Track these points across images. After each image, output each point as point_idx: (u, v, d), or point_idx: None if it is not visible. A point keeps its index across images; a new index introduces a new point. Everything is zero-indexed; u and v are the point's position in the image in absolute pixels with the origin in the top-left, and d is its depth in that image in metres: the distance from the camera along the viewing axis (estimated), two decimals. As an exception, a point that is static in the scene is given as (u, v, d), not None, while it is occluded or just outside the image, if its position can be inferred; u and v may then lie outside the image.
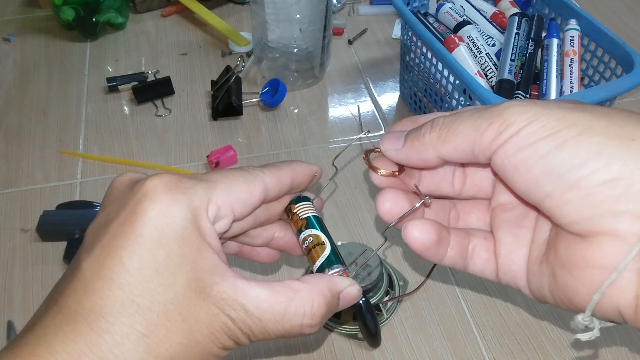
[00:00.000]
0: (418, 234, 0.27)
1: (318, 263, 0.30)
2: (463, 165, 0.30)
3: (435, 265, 0.28)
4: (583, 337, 0.23)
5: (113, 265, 0.23)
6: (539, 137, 0.22)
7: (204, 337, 0.24)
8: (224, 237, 0.28)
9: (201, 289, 0.24)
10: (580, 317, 0.23)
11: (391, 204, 0.28)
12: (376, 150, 0.31)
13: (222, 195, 0.26)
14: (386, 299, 0.54)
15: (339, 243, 0.59)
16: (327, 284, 0.27)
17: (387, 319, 0.54)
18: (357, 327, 0.52)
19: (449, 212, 0.30)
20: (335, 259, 0.30)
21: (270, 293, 0.25)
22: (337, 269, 0.29)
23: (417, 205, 0.28)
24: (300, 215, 0.32)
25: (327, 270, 0.29)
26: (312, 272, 0.30)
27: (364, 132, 0.37)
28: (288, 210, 0.33)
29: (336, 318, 0.53)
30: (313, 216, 0.32)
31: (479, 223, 0.30)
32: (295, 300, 0.26)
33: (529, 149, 0.22)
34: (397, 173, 0.29)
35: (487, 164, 0.25)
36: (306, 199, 0.33)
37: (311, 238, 0.31)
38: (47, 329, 0.23)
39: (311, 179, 0.32)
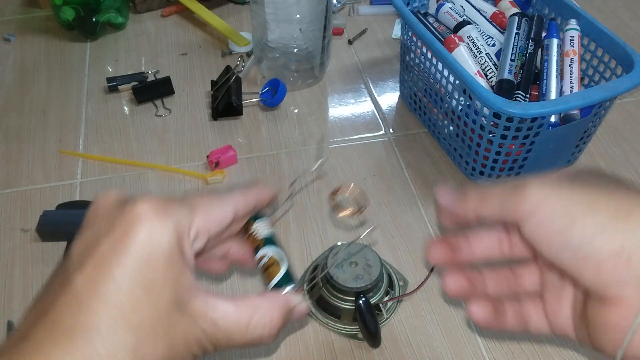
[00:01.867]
0: (480, 314, 0.33)
1: (274, 281, 0.33)
2: (506, 230, 0.35)
3: (434, 266, 0.30)
4: None
5: (106, 283, 0.25)
6: (553, 214, 0.27)
7: (181, 347, 0.27)
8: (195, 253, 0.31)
9: (180, 305, 0.27)
10: None
11: (455, 284, 0.34)
12: (339, 190, 0.38)
13: (201, 218, 0.29)
14: (386, 299, 0.54)
15: (339, 243, 0.59)
16: (283, 301, 0.31)
17: (387, 319, 0.54)
18: (357, 327, 0.52)
19: (506, 279, 0.35)
20: (289, 278, 0.33)
21: (235, 308, 0.29)
22: (291, 287, 0.33)
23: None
24: (257, 235, 0.35)
25: (282, 288, 0.33)
26: (268, 288, 0.33)
27: (322, 160, 0.40)
28: (246, 228, 0.36)
29: (336, 318, 0.53)
30: (269, 236, 0.35)
31: (533, 284, 0.34)
32: (257, 315, 0.29)
33: (546, 225, 0.27)
34: (359, 212, 0.39)
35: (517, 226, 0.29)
36: (263, 217, 0.36)
37: (267, 258, 0.34)
38: (43, 341, 0.25)
39: (271, 201, 0.36)
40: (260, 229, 0.35)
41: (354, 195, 0.44)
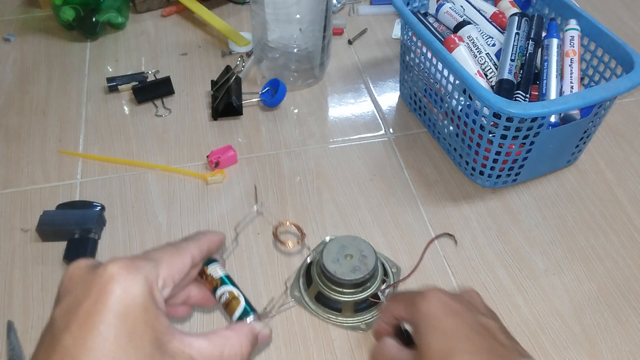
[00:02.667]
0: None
1: (237, 313, 0.38)
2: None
3: (426, 248, 0.40)
4: None
5: (93, 337, 0.28)
6: (438, 339, 0.37)
7: None
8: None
9: (160, 346, 0.30)
10: None
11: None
12: (281, 224, 0.49)
13: (165, 269, 0.33)
14: (383, 287, 0.54)
15: (327, 238, 0.60)
16: (249, 329, 0.36)
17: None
18: (359, 319, 0.53)
19: None
20: (249, 309, 0.38)
21: (208, 343, 0.33)
22: (253, 316, 0.38)
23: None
24: (213, 276, 0.40)
25: (245, 318, 0.37)
26: (233, 320, 0.38)
27: (258, 205, 0.51)
28: (202, 272, 0.40)
29: (337, 312, 0.54)
30: (225, 275, 0.40)
31: None
32: (228, 345, 0.34)
33: (432, 346, 0.37)
34: (300, 241, 0.50)
35: None
36: (215, 260, 0.41)
37: (227, 294, 0.39)
38: None
39: (221, 244, 0.41)
40: (216, 271, 0.40)
41: (293, 226, 0.50)
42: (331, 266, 0.52)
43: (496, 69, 0.65)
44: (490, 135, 0.60)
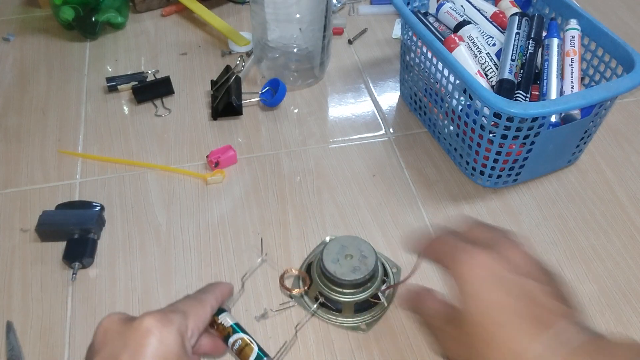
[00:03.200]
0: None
1: (252, 358, 0.42)
2: None
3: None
4: None
5: None
6: (487, 310, 0.36)
7: None
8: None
9: None
10: None
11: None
12: (285, 273, 0.53)
13: (193, 320, 0.38)
14: (383, 287, 0.54)
15: (327, 238, 0.60)
16: None
17: (387, 307, 0.55)
18: (359, 318, 0.53)
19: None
20: (262, 354, 0.42)
21: None
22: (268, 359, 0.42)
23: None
24: (224, 324, 0.43)
25: None
26: None
27: (263, 256, 0.55)
28: (212, 321, 0.43)
29: (338, 312, 0.54)
30: (234, 324, 0.43)
31: None
32: None
33: (479, 316, 0.37)
34: (306, 288, 0.53)
35: None
36: (224, 310, 0.44)
37: (240, 341, 0.42)
38: None
39: (231, 294, 0.45)
40: (226, 320, 0.43)
41: (299, 273, 0.53)
42: (331, 266, 0.52)
43: (496, 68, 0.65)
44: (491, 135, 0.60)
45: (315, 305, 0.53)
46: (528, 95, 0.62)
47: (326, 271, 0.52)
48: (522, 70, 0.64)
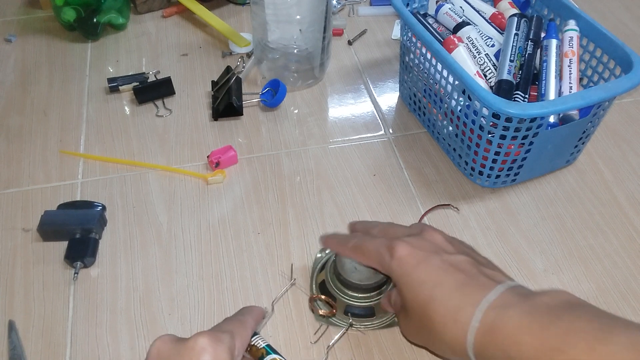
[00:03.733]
0: None
1: None
2: None
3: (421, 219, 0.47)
4: None
5: None
6: (417, 284, 0.43)
7: None
8: None
9: None
10: None
11: None
12: (315, 297, 0.54)
13: (239, 340, 0.41)
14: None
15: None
16: None
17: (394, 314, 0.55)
18: (392, 315, 0.53)
19: None
20: None
21: None
22: None
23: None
24: (258, 346, 0.46)
25: None
26: None
27: (292, 281, 0.57)
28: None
29: (372, 317, 0.54)
30: (267, 345, 0.46)
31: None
32: None
33: (412, 289, 0.43)
34: (334, 311, 0.53)
35: None
36: (256, 333, 0.47)
37: None
38: None
39: (263, 317, 0.49)
40: (259, 341, 0.46)
41: (325, 299, 0.54)
42: (354, 277, 0.52)
43: (495, 69, 0.66)
44: (490, 135, 0.60)
45: (350, 319, 0.53)
46: (527, 96, 0.63)
47: (351, 283, 0.52)
48: (520, 71, 0.64)
